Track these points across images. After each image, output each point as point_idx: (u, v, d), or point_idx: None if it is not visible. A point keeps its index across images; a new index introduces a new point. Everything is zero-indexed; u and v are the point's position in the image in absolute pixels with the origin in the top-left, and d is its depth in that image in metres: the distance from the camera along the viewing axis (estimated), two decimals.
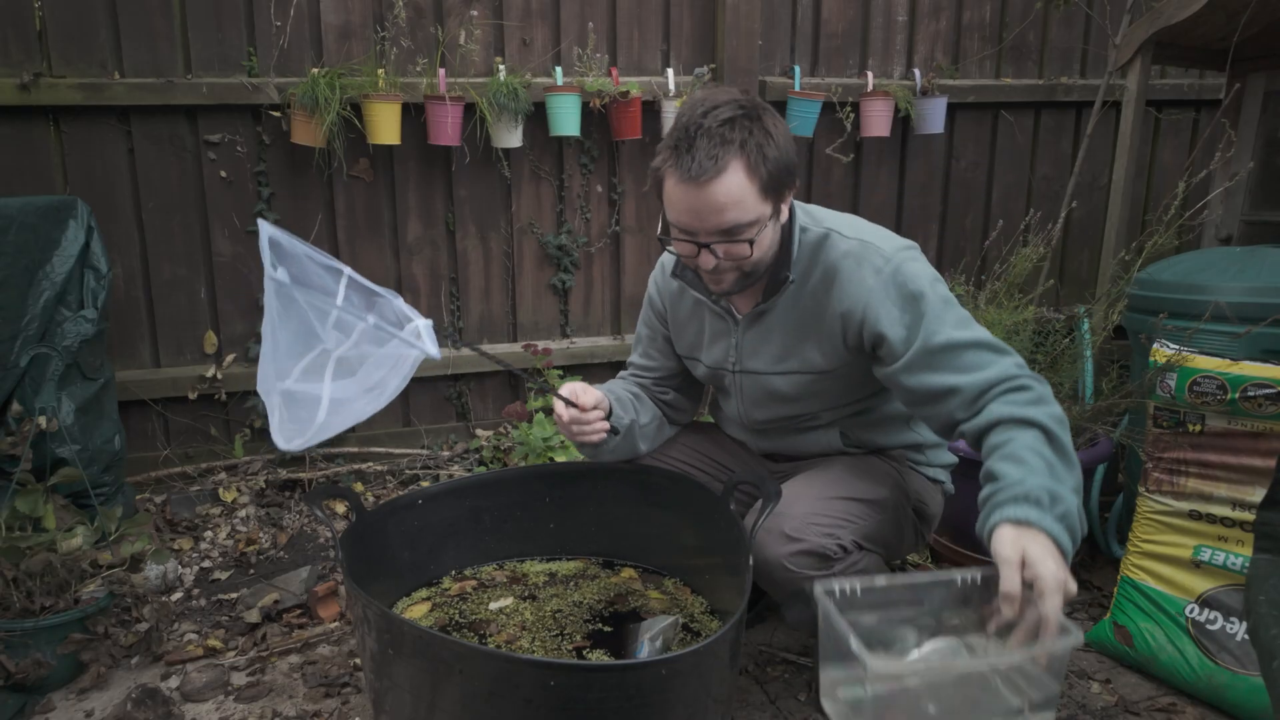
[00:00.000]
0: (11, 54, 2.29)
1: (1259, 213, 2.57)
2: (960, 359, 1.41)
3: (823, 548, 1.46)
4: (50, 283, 2.09)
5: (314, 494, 1.48)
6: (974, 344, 1.41)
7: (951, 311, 1.45)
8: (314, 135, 2.41)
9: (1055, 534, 1.18)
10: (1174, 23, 2.27)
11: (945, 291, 1.47)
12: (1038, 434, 1.30)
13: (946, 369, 1.41)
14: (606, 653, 1.54)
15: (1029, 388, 1.36)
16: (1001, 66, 3.16)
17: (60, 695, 1.74)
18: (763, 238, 1.44)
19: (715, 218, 1.39)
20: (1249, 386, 1.64)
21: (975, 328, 1.44)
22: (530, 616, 1.62)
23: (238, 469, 2.62)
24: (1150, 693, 1.77)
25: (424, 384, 2.79)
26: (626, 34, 2.79)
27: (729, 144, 1.36)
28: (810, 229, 1.55)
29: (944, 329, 1.42)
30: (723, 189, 1.37)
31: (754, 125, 1.38)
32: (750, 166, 1.37)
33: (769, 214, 1.43)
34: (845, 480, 1.58)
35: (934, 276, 1.48)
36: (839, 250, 1.51)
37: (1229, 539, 1.70)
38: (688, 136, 1.37)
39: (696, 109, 1.40)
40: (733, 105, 1.40)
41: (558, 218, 2.83)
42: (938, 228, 3.22)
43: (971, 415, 1.38)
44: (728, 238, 1.41)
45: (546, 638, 1.57)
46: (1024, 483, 1.23)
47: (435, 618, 1.63)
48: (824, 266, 1.52)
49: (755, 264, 1.48)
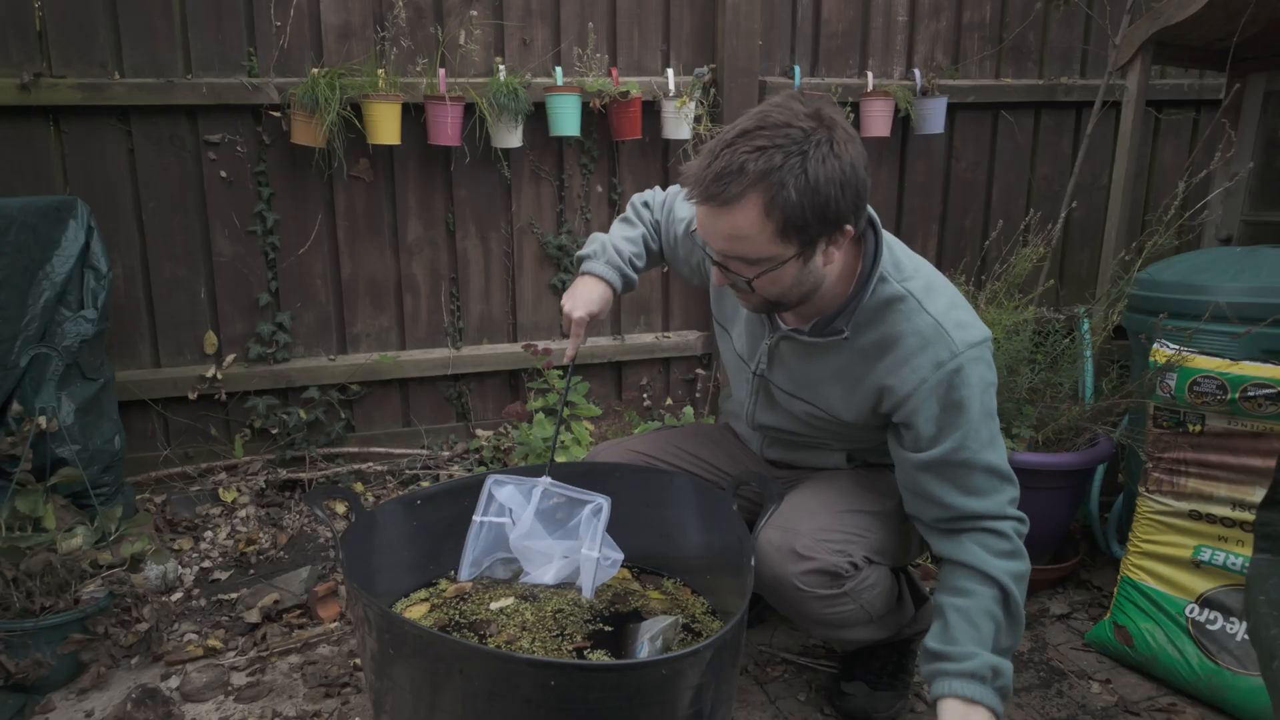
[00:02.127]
0: (11, 54, 2.29)
1: (1259, 213, 2.57)
2: (969, 480, 1.40)
3: (835, 566, 1.45)
4: (50, 283, 2.09)
5: (314, 494, 1.48)
6: (988, 469, 1.40)
7: (987, 428, 1.41)
8: (314, 135, 2.41)
9: (994, 706, 1.35)
10: (1174, 23, 2.27)
11: (991, 403, 1.41)
12: (996, 594, 1.38)
13: (952, 483, 1.41)
14: (607, 653, 1.53)
15: (1008, 536, 1.40)
16: (1001, 66, 3.16)
17: (60, 695, 1.74)
18: (776, 275, 1.33)
19: (721, 243, 1.32)
20: (1249, 386, 1.64)
21: (998, 448, 1.43)
22: (530, 616, 1.62)
23: (238, 469, 2.62)
24: (1150, 693, 1.77)
25: (424, 384, 2.80)
26: (626, 34, 2.79)
27: (746, 175, 1.24)
28: (889, 282, 1.42)
29: (971, 446, 1.39)
30: (728, 220, 1.28)
31: (790, 161, 1.24)
32: (767, 206, 1.25)
33: (790, 255, 1.31)
34: (853, 492, 1.57)
35: (988, 383, 1.41)
36: (909, 324, 1.40)
37: (1229, 539, 1.70)
38: (715, 151, 1.28)
39: (740, 124, 1.29)
40: (780, 132, 1.25)
41: (558, 218, 2.83)
42: (938, 228, 3.22)
43: (945, 535, 1.44)
44: (737, 264, 1.34)
45: (547, 638, 1.57)
46: (975, 659, 1.35)
47: (435, 618, 1.63)
48: (885, 331, 1.42)
49: (778, 296, 1.39)
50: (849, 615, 1.52)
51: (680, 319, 3.03)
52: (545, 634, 1.58)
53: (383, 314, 2.74)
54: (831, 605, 1.49)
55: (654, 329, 3.00)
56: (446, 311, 2.80)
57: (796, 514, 1.48)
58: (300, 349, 2.68)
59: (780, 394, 1.59)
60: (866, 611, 1.53)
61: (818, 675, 1.81)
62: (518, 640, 1.56)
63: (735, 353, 1.67)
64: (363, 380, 2.71)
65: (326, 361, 2.68)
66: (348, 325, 2.71)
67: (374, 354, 2.73)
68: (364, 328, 2.73)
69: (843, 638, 1.59)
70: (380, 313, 2.73)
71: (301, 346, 2.68)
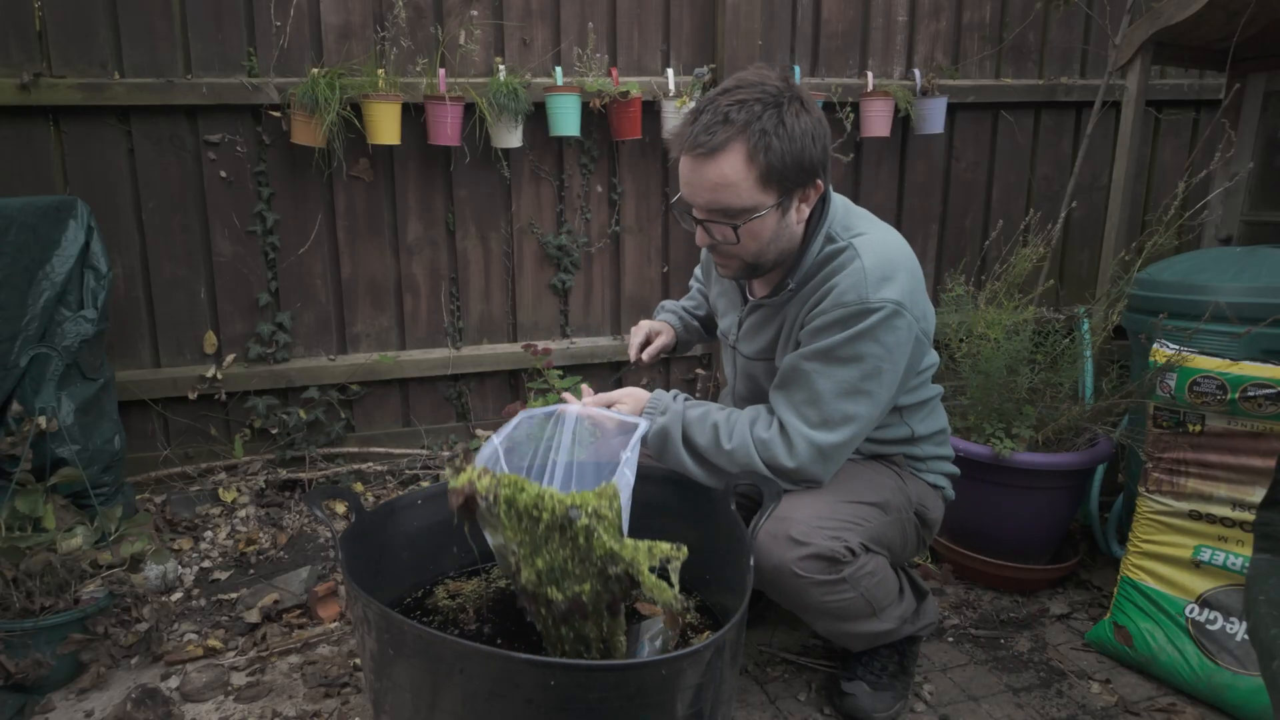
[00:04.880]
0: (11, 54, 2.29)
1: (1259, 213, 2.57)
2: (800, 387, 1.47)
3: (831, 551, 1.46)
4: (50, 283, 2.09)
5: (314, 494, 1.48)
6: (816, 400, 1.46)
7: (844, 372, 1.44)
8: (314, 135, 2.41)
9: (647, 407, 1.61)
10: (1174, 23, 2.27)
11: (868, 367, 1.44)
12: (741, 427, 1.52)
13: (790, 384, 1.49)
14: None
15: (779, 446, 1.49)
16: (1001, 66, 3.16)
17: (60, 695, 1.74)
18: (757, 227, 1.43)
19: (707, 194, 1.41)
20: (1249, 387, 1.64)
21: (844, 409, 1.46)
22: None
23: (238, 469, 2.62)
24: (1150, 693, 1.77)
25: (424, 384, 2.80)
26: (626, 34, 2.79)
27: (731, 124, 1.36)
28: (837, 240, 1.51)
29: (820, 376, 1.45)
30: (715, 168, 1.38)
31: (768, 112, 1.37)
32: (750, 152, 1.37)
33: (770, 204, 1.42)
34: (848, 484, 1.57)
35: (883, 353, 1.44)
36: (842, 272, 1.47)
37: (1229, 539, 1.70)
38: (698, 109, 1.41)
39: (722, 85, 1.42)
40: (756, 89, 1.39)
41: (558, 218, 2.83)
42: (938, 228, 3.22)
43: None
44: (720, 217, 1.43)
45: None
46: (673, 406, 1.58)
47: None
48: (822, 279, 1.50)
49: (756, 255, 1.48)
50: (850, 605, 1.52)
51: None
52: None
53: (383, 314, 2.74)
54: (832, 592, 1.49)
55: None
56: (446, 311, 2.80)
57: (792, 506, 1.49)
58: (300, 349, 2.68)
59: (745, 361, 1.69)
60: (868, 601, 1.53)
61: (818, 675, 1.81)
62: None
63: (720, 330, 1.81)
64: (363, 380, 2.71)
65: (326, 361, 2.68)
66: (348, 325, 2.71)
67: (374, 354, 2.73)
68: (364, 328, 2.73)
69: (847, 631, 1.59)
70: (380, 313, 2.73)
71: (301, 346, 2.68)
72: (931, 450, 1.71)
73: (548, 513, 1.32)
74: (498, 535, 1.39)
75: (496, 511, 1.35)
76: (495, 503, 1.34)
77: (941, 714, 1.70)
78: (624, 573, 1.31)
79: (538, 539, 1.34)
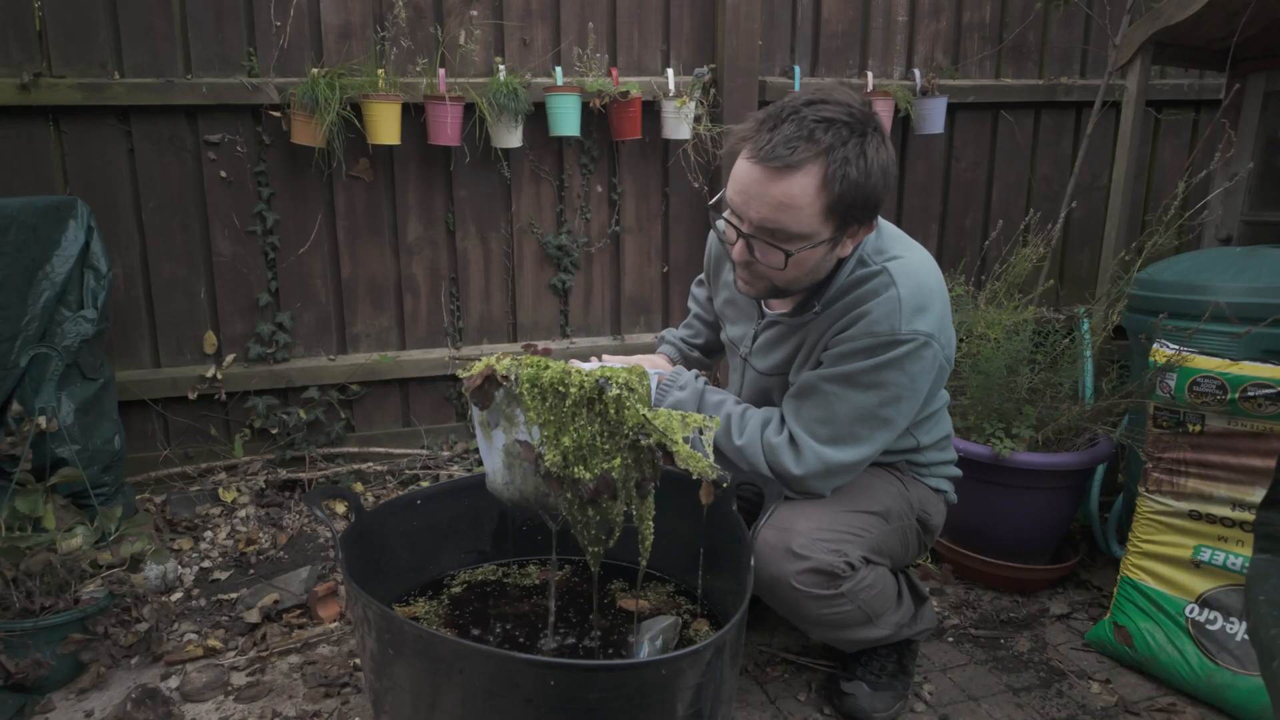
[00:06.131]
0: (11, 54, 2.29)
1: (1259, 213, 2.57)
2: (816, 405, 1.45)
3: (831, 565, 1.45)
4: (50, 283, 2.09)
5: (314, 494, 1.48)
6: (829, 420, 1.45)
7: (864, 398, 1.42)
8: (314, 135, 2.41)
9: (662, 379, 1.56)
10: (1174, 23, 2.27)
11: (888, 394, 1.41)
12: (753, 424, 1.51)
13: (806, 399, 1.46)
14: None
15: (787, 452, 1.48)
16: (1001, 67, 3.16)
17: (60, 695, 1.74)
18: (805, 258, 1.35)
19: (765, 210, 1.30)
20: (1249, 387, 1.64)
21: (858, 435, 1.44)
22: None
23: (237, 469, 2.62)
24: (1150, 693, 1.77)
25: (424, 384, 2.80)
26: (626, 34, 2.79)
27: (815, 144, 1.26)
28: (869, 264, 1.44)
29: (839, 399, 1.43)
30: (784, 186, 1.28)
31: (854, 139, 1.27)
32: (826, 178, 1.27)
33: (825, 237, 1.33)
34: (850, 492, 1.56)
35: (906, 382, 1.41)
36: (876, 299, 1.41)
37: (1229, 539, 1.70)
38: (779, 116, 1.28)
39: (803, 95, 1.30)
40: (842, 108, 1.28)
41: (558, 218, 2.83)
42: (938, 228, 3.22)
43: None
44: (770, 238, 1.33)
45: None
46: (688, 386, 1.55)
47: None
48: (852, 301, 1.44)
49: (790, 282, 1.41)
50: (846, 616, 1.52)
51: (680, 319, 3.03)
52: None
53: (383, 314, 2.74)
54: (829, 606, 1.49)
55: (654, 329, 3.00)
56: (446, 311, 2.80)
57: (794, 513, 1.48)
58: (300, 349, 2.68)
59: (757, 375, 1.65)
60: (864, 612, 1.53)
61: (817, 675, 1.81)
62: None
63: (730, 340, 1.75)
64: (363, 380, 2.71)
65: (326, 361, 2.68)
66: (348, 325, 2.71)
67: (374, 354, 2.73)
68: (364, 328, 2.73)
69: (841, 638, 1.59)
70: (380, 313, 2.73)
71: (301, 346, 2.68)
72: (935, 456, 1.71)
73: (575, 388, 1.28)
74: (514, 428, 1.33)
75: (518, 391, 1.29)
76: (517, 382, 1.28)
77: (941, 714, 1.70)
78: (656, 444, 1.27)
79: (564, 415, 1.29)
